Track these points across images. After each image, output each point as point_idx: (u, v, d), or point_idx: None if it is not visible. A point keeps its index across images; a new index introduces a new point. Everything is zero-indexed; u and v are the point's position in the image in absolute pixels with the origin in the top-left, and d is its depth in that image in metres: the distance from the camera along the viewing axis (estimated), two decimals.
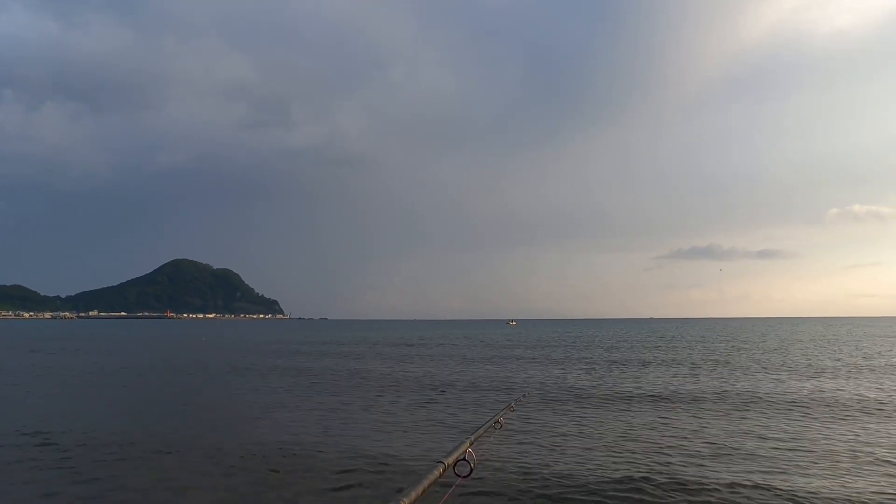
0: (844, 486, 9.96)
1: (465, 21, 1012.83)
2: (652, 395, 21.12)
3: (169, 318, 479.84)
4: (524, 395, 7.16)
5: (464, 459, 3.33)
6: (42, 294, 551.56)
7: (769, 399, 20.16)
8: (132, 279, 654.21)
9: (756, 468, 11.15)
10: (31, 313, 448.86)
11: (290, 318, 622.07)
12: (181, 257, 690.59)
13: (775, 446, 13.03)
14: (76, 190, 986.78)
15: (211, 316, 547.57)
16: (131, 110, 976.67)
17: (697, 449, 12.81)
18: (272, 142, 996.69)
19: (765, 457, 12.08)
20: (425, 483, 2.96)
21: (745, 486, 9.87)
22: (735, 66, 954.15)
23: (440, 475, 3.13)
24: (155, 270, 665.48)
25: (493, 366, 34.85)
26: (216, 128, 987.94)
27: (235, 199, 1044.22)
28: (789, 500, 9.33)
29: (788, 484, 10.10)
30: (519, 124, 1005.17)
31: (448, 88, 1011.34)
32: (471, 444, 3.48)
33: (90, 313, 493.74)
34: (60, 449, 12.67)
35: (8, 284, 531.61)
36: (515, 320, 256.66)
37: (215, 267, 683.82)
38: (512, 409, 4.99)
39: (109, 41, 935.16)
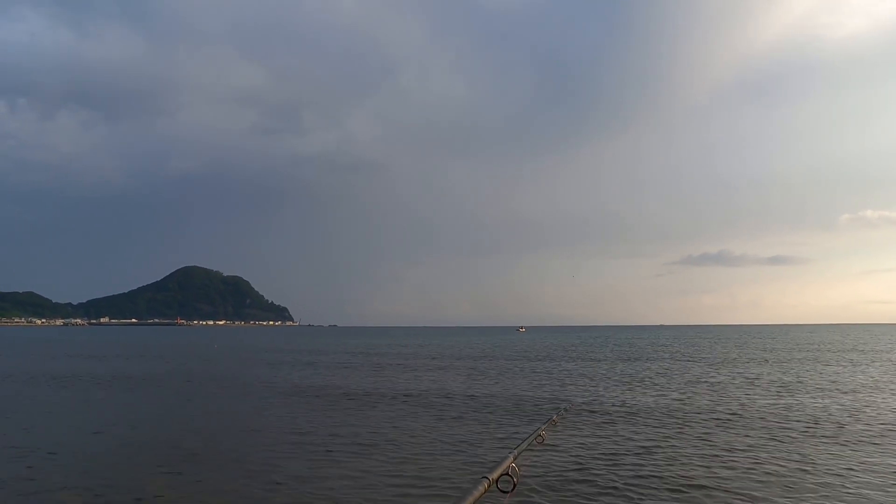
0: None
1: (476, 26, 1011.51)
2: (697, 412, 19.73)
3: (179, 324, 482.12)
4: (566, 409, 6.98)
5: (507, 475, 3.24)
6: (54, 301, 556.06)
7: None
8: (143, 286, 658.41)
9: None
10: (43, 320, 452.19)
11: (299, 324, 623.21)
12: (192, 264, 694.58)
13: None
14: (88, 196, 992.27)
15: (221, 323, 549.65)
16: (144, 117, 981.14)
17: (745, 464, 12.28)
18: (284, 148, 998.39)
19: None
20: (470, 499, 2.88)
21: None
22: (746, 70, 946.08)
23: (485, 491, 3.05)
24: (165, 277, 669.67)
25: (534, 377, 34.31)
26: (228, 134, 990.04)
27: (246, 205, 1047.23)
28: None
29: None
30: (529, 130, 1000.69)
31: (459, 94, 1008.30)
32: (514, 460, 3.38)
33: (101, 320, 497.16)
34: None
35: (21, 291, 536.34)
36: (525, 327, 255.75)
37: (225, 274, 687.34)
38: (554, 422, 4.85)
39: (122, 49, 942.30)
